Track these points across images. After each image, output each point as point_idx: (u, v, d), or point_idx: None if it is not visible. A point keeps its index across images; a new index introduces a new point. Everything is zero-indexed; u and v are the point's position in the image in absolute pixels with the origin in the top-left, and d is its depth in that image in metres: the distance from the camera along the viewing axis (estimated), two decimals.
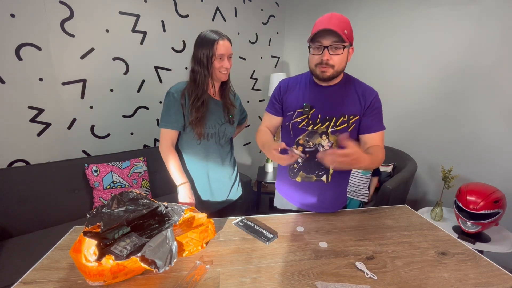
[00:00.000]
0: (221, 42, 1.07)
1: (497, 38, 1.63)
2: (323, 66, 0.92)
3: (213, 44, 1.06)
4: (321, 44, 0.90)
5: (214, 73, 1.11)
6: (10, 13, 1.57)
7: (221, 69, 1.10)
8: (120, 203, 0.86)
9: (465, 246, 0.90)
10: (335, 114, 1.00)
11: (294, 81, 1.08)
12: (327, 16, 0.90)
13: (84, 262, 0.66)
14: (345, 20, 0.90)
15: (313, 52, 0.93)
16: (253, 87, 2.99)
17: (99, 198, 1.82)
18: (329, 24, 0.87)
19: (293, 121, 1.05)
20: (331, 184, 1.09)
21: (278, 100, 1.10)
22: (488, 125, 1.73)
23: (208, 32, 1.09)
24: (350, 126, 1.00)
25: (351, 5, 2.40)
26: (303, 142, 1.05)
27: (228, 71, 1.13)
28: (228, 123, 1.22)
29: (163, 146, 1.13)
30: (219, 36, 1.07)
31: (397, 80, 2.18)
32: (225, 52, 1.08)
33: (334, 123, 1.00)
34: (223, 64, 1.09)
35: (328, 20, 0.89)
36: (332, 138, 1.02)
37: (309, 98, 1.02)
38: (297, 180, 1.12)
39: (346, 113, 0.99)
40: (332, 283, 0.72)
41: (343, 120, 1.00)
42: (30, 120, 1.73)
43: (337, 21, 0.88)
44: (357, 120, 1.00)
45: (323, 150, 1.04)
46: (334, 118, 1.00)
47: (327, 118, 1.00)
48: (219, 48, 1.06)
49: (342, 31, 0.87)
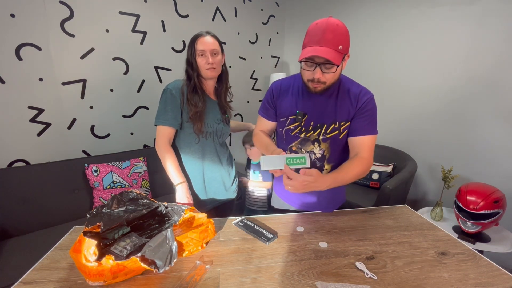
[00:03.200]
0: (202, 38, 1.08)
1: (498, 39, 1.63)
2: (315, 83, 0.89)
3: (194, 42, 1.09)
4: (313, 61, 0.85)
5: (200, 70, 1.12)
6: (10, 13, 1.57)
7: (205, 65, 1.10)
8: (120, 203, 0.86)
9: (465, 246, 0.90)
10: (326, 121, 0.98)
11: (286, 84, 1.06)
12: (321, 28, 0.81)
13: (84, 262, 0.66)
14: (341, 31, 0.82)
15: (305, 67, 0.88)
16: (253, 87, 2.99)
17: (99, 198, 1.82)
18: (322, 41, 0.80)
19: (286, 128, 1.04)
20: None
21: (271, 105, 1.09)
22: (488, 125, 1.73)
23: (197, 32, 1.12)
24: (341, 132, 0.98)
25: (351, 5, 2.40)
26: (296, 149, 1.05)
27: (213, 67, 1.11)
28: (223, 123, 1.23)
29: (159, 144, 1.12)
30: (201, 33, 1.09)
31: (397, 80, 2.18)
32: (205, 47, 1.08)
33: (325, 130, 0.99)
34: (206, 60, 1.09)
35: (322, 34, 0.81)
36: (324, 146, 1.01)
37: (302, 106, 1.01)
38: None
39: (337, 120, 0.97)
40: (332, 283, 0.72)
41: (334, 127, 0.98)
42: (30, 120, 1.73)
43: (331, 35, 0.80)
44: (349, 125, 0.98)
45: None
46: (325, 125, 0.99)
47: (318, 125, 0.99)
48: (199, 44, 1.08)
49: (336, 47, 0.81)
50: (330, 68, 0.85)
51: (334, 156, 1.03)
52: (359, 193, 2.12)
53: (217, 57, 1.12)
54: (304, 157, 0.88)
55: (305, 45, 0.86)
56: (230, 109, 1.28)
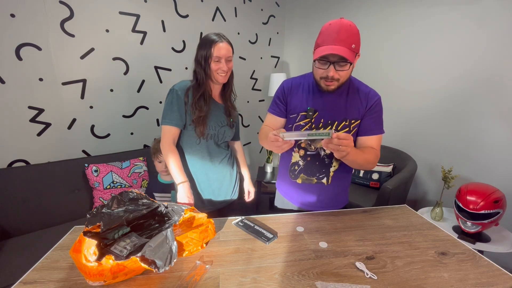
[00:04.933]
0: (219, 45, 1.07)
1: (498, 39, 1.63)
2: (329, 81, 0.91)
3: (210, 46, 1.07)
4: (327, 60, 0.87)
5: (212, 75, 1.11)
6: (10, 13, 1.57)
7: (218, 71, 1.10)
8: (120, 203, 0.86)
9: (465, 246, 0.90)
10: (337, 118, 1.00)
11: (297, 82, 1.08)
12: (335, 28, 0.85)
13: (84, 262, 0.66)
14: (354, 31, 0.86)
15: (318, 65, 0.91)
16: (253, 87, 2.98)
17: (99, 198, 1.82)
18: (337, 41, 0.84)
19: (296, 124, 1.05)
20: (331, 186, 1.10)
21: (282, 100, 1.10)
22: (488, 125, 1.73)
23: (209, 34, 1.10)
24: (351, 130, 1.01)
25: (350, 5, 2.40)
26: (305, 146, 1.06)
27: (226, 73, 1.13)
28: (228, 126, 1.23)
29: (164, 143, 1.13)
30: (218, 39, 1.08)
31: (397, 80, 2.18)
32: (222, 55, 1.08)
33: (335, 127, 1.01)
34: (220, 66, 1.09)
35: (337, 34, 0.84)
36: None
37: (313, 103, 1.02)
38: (298, 181, 1.12)
39: (348, 118, 1.00)
40: (332, 283, 0.72)
41: (344, 125, 1.00)
42: (30, 120, 1.73)
43: (345, 34, 0.84)
44: (358, 124, 1.01)
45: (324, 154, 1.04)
46: (336, 122, 1.00)
47: (329, 122, 1.01)
48: (216, 50, 1.07)
49: (350, 46, 0.84)
50: (344, 66, 0.88)
51: None
52: (359, 193, 2.12)
53: (231, 63, 1.13)
54: (329, 132, 0.80)
55: (318, 44, 0.89)
56: (234, 110, 1.28)
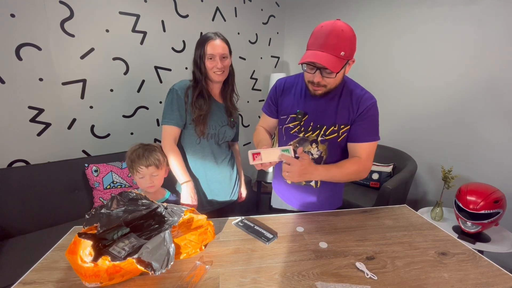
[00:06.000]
0: (213, 42, 1.06)
1: (498, 39, 1.63)
2: (315, 86, 0.89)
3: (204, 44, 1.07)
4: (313, 65, 0.84)
5: (208, 73, 1.11)
6: (10, 13, 1.57)
7: (213, 69, 1.09)
8: (120, 203, 0.85)
9: (465, 246, 0.90)
10: (326, 122, 0.98)
11: (291, 82, 1.06)
12: (325, 32, 0.79)
13: (80, 263, 0.66)
14: (346, 37, 0.79)
15: (306, 69, 0.88)
16: (253, 87, 2.98)
17: (99, 198, 1.82)
18: (324, 46, 0.79)
19: (286, 126, 1.04)
20: (321, 188, 1.10)
21: (273, 101, 1.09)
22: (488, 125, 1.73)
23: (206, 33, 1.10)
24: (340, 136, 0.98)
25: (351, 6, 2.40)
26: (294, 148, 1.04)
27: (222, 71, 1.11)
28: (228, 126, 1.22)
29: (165, 143, 1.12)
30: (212, 36, 1.07)
31: (397, 80, 2.18)
32: (215, 52, 1.07)
33: (324, 132, 0.99)
34: (215, 64, 1.08)
35: (325, 39, 0.79)
36: (322, 147, 1.01)
37: (304, 105, 1.01)
38: (288, 182, 1.12)
39: (337, 123, 0.97)
40: (332, 284, 0.72)
41: (333, 130, 0.98)
42: (30, 120, 1.73)
43: (334, 40, 0.78)
44: (348, 130, 0.97)
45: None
46: (325, 127, 0.98)
47: (318, 126, 0.99)
48: (210, 48, 1.06)
49: (337, 53, 0.79)
50: (330, 74, 0.84)
51: (332, 158, 1.03)
52: (359, 193, 2.12)
53: (226, 61, 1.12)
54: (288, 149, 0.88)
55: (308, 46, 0.86)
56: (235, 110, 1.27)
